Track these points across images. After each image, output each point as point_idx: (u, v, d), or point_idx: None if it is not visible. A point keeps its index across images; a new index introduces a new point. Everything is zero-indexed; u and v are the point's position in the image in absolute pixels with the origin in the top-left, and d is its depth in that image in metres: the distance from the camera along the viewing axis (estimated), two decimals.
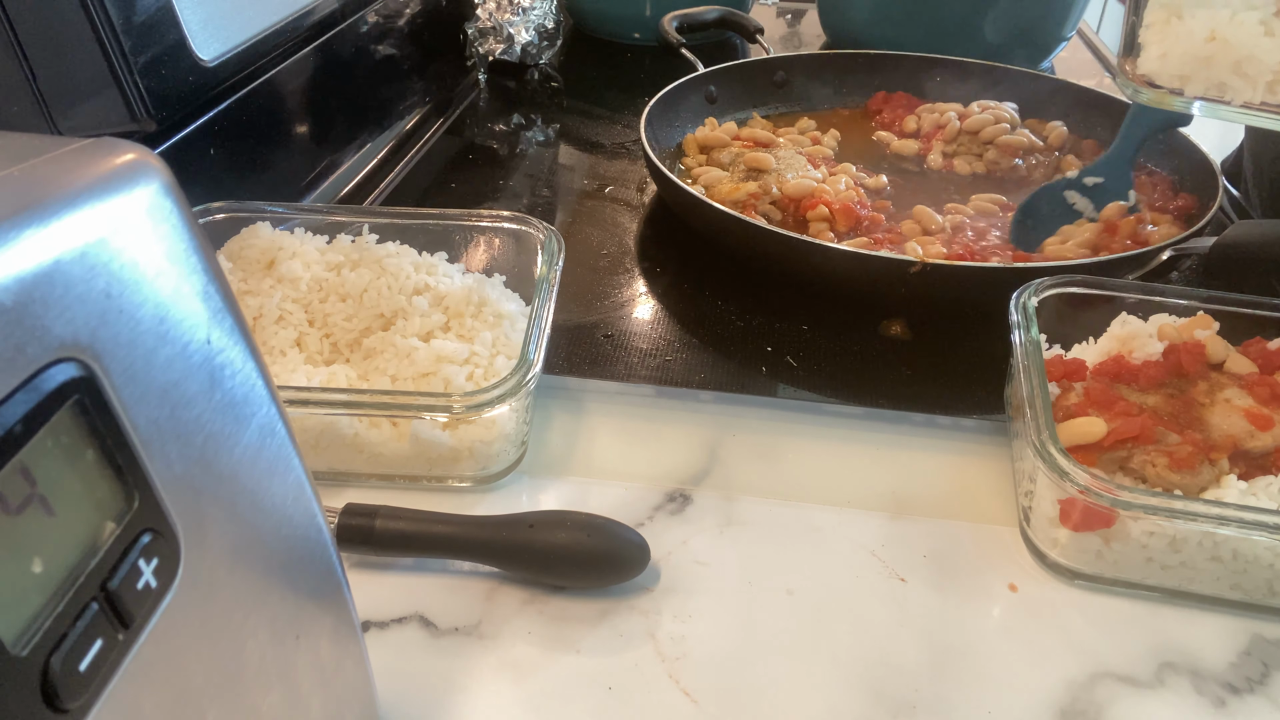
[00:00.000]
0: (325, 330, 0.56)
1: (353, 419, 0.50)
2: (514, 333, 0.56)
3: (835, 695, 0.42)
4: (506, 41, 1.07)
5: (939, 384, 0.62)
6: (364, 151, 0.88)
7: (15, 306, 0.18)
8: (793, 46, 1.29)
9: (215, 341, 0.24)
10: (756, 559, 0.49)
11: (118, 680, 0.21)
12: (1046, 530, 0.48)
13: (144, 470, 0.22)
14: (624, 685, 0.43)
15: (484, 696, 0.42)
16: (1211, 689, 0.43)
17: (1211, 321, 0.55)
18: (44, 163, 0.21)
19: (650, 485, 0.53)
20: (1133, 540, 0.45)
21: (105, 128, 0.57)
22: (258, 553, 0.27)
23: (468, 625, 0.45)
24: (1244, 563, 0.45)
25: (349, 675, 0.35)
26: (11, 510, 0.18)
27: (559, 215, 0.84)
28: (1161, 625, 0.46)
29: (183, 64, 0.60)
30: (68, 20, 0.53)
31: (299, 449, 0.29)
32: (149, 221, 0.22)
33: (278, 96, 0.74)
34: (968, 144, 0.88)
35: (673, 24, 1.02)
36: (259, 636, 0.28)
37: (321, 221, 0.62)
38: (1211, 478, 0.46)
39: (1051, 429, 0.46)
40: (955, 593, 0.47)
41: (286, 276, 0.57)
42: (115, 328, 0.21)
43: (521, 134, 1.01)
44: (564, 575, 0.47)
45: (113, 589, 0.21)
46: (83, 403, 0.20)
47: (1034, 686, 0.43)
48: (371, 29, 0.88)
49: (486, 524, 0.47)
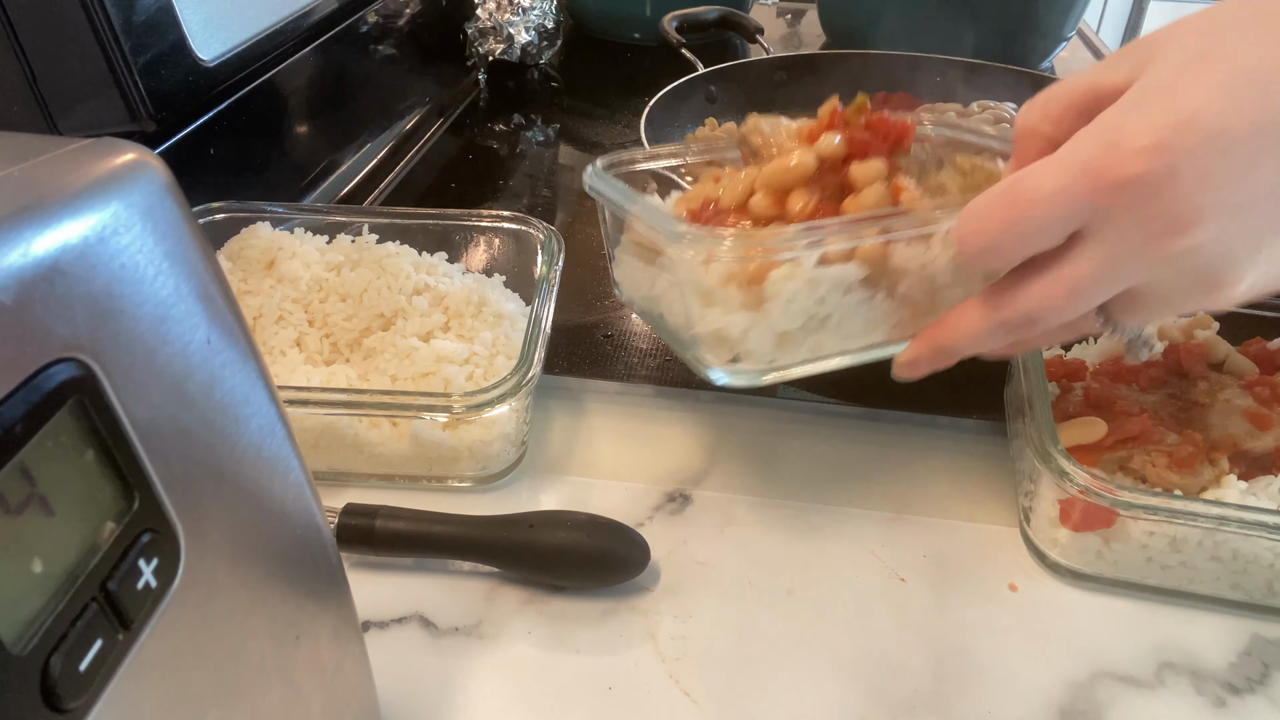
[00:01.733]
0: (325, 330, 0.56)
1: (352, 419, 0.50)
2: (514, 333, 0.56)
3: (835, 695, 0.42)
4: (506, 41, 1.07)
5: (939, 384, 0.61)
6: (364, 151, 0.88)
7: (15, 306, 0.18)
8: (793, 46, 1.29)
9: (215, 341, 0.24)
10: (756, 559, 0.49)
11: (118, 680, 0.21)
12: (1047, 530, 0.48)
13: (144, 470, 0.22)
14: (624, 685, 0.43)
15: (484, 696, 0.42)
16: (1211, 689, 0.43)
17: (1211, 321, 0.55)
18: (44, 163, 0.21)
19: (650, 485, 0.53)
20: (1133, 540, 0.45)
21: (105, 128, 0.57)
22: (258, 553, 0.27)
23: (468, 625, 0.45)
24: (1244, 562, 0.45)
25: (349, 675, 0.35)
26: (11, 510, 0.18)
27: (559, 215, 0.84)
28: (1161, 625, 0.46)
29: (183, 64, 0.60)
30: (68, 20, 0.53)
31: (299, 449, 0.29)
32: (149, 221, 0.22)
33: (278, 96, 0.74)
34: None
35: (673, 24, 1.02)
36: (259, 636, 0.28)
37: (321, 221, 0.62)
38: (1212, 478, 0.46)
39: (1052, 429, 0.46)
40: (955, 593, 0.47)
41: (286, 276, 0.57)
42: (115, 328, 0.21)
43: (521, 134, 1.01)
44: (564, 575, 0.47)
45: (113, 589, 0.21)
46: (83, 403, 0.20)
47: (1034, 686, 0.43)
48: (371, 29, 0.88)
49: (487, 524, 0.47)
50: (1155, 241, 0.32)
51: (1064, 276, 0.35)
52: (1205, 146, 0.30)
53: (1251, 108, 0.30)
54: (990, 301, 0.38)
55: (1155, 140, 0.31)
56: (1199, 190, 0.30)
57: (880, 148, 0.44)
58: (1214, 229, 0.30)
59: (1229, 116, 0.30)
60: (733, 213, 0.44)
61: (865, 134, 0.44)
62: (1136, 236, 0.32)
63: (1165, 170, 0.30)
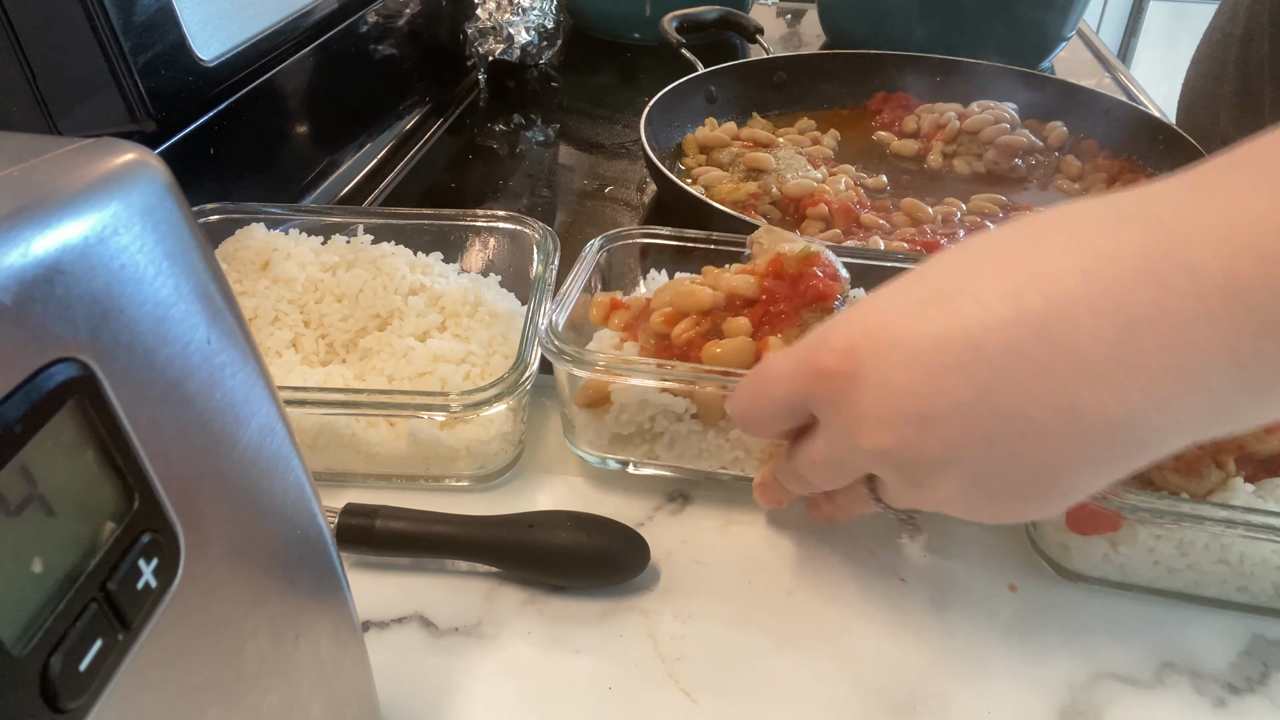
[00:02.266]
0: (321, 331, 0.56)
1: (350, 419, 0.50)
2: (511, 332, 0.56)
3: (835, 695, 0.42)
4: (506, 41, 1.07)
5: None
6: (364, 151, 0.88)
7: (15, 306, 0.18)
8: (793, 46, 1.29)
9: (215, 341, 0.24)
10: (756, 559, 0.49)
11: (118, 680, 0.21)
12: (1053, 534, 0.48)
13: (144, 470, 0.22)
14: (624, 685, 0.43)
15: (484, 696, 0.42)
16: (1211, 689, 0.43)
17: None
18: (44, 163, 0.21)
19: (650, 485, 0.53)
20: (1140, 544, 0.45)
21: (105, 128, 0.57)
22: (258, 553, 0.27)
23: (468, 625, 0.45)
24: (1251, 565, 0.45)
25: (349, 675, 0.35)
26: (11, 510, 0.18)
27: (559, 215, 0.84)
28: (1161, 625, 0.46)
29: (183, 64, 0.60)
30: (68, 20, 0.53)
31: (299, 449, 0.29)
32: (149, 221, 0.22)
33: (278, 96, 0.74)
34: (968, 144, 0.88)
35: (673, 24, 1.02)
36: (259, 636, 0.28)
37: (317, 222, 0.62)
38: (1218, 481, 0.46)
39: None
40: (955, 593, 0.47)
41: (281, 277, 0.57)
42: (115, 328, 0.21)
43: (521, 134, 1.01)
44: (564, 575, 0.47)
45: (113, 589, 0.21)
46: (83, 403, 0.20)
47: (1034, 686, 0.43)
48: (371, 29, 0.88)
49: (487, 524, 0.47)
50: (854, 438, 0.33)
51: (806, 449, 0.38)
52: (886, 354, 0.31)
53: (934, 324, 0.30)
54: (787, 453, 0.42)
55: (847, 342, 0.33)
56: (881, 396, 0.31)
57: (797, 301, 0.50)
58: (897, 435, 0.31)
59: (911, 329, 0.31)
60: (643, 318, 0.52)
61: (787, 286, 0.50)
62: (843, 428, 0.34)
63: (853, 372, 0.32)
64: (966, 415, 0.30)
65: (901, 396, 0.31)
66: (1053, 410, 0.29)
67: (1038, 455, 0.29)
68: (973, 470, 0.31)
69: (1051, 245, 0.30)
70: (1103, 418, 0.28)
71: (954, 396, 0.30)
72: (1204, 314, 0.26)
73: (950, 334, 0.30)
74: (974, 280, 0.31)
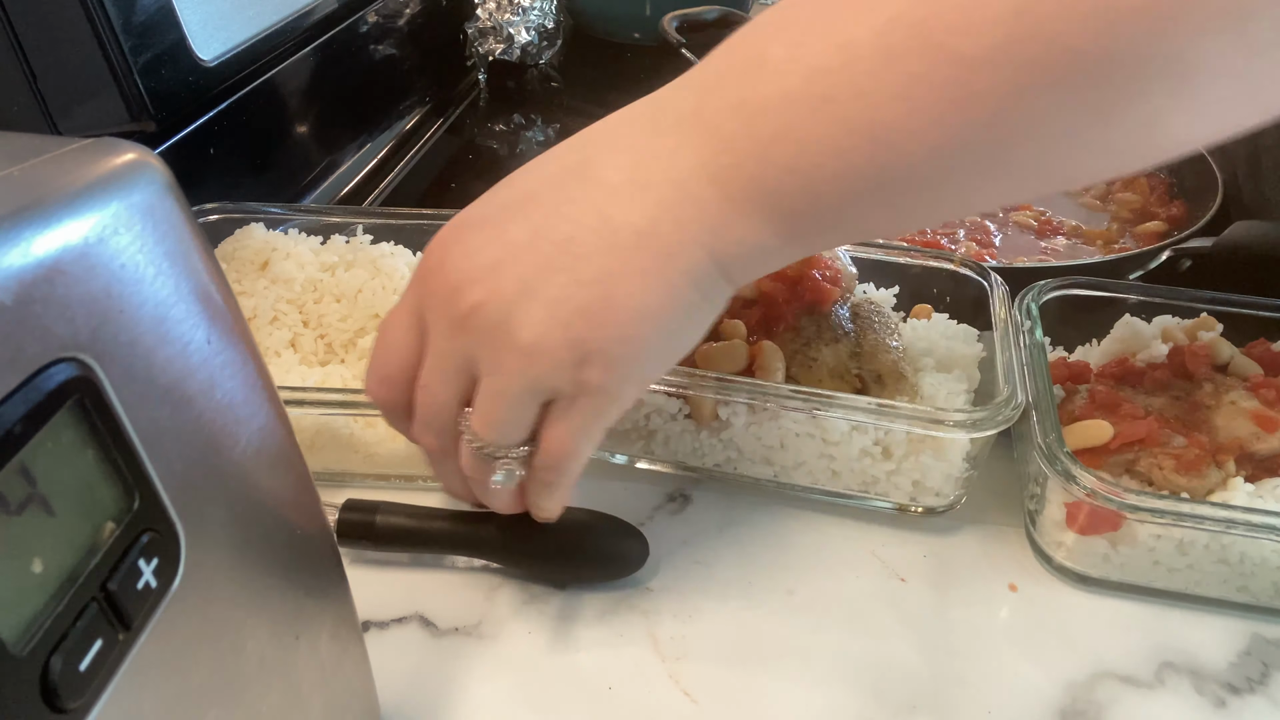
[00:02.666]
0: (320, 331, 0.56)
1: (348, 419, 0.50)
2: None
3: (835, 695, 0.42)
4: (506, 41, 1.07)
5: None
6: (364, 151, 0.88)
7: (15, 306, 0.18)
8: None
9: (215, 341, 0.24)
10: (756, 559, 0.49)
11: (118, 680, 0.21)
12: (1052, 533, 0.48)
13: (144, 470, 0.22)
14: (624, 685, 0.43)
15: (484, 696, 0.42)
16: (1211, 689, 0.43)
17: (1215, 323, 0.54)
18: (44, 163, 0.21)
19: (650, 485, 0.53)
20: (1140, 543, 0.45)
21: (105, 128, 0.57)
22: (258, 552, 0.27)
23: (468, 625, 0.45)
24: (1251, 565, 0.45)
25: (349, 675, 0.35)
26: (11, 510, 0.18)
27: None
28: (1161, 625, 0.46)
29: (183, 64, 0.60)
30: (68, 20, 0.53)
31: (298, 448, 0.29)
32: (149, 221, 0.22)
33: (278, 96, 0.74)
34: None
35: (673, 24, 1.02)
36: (259, 636, 0.28)
37: (316, 222, 0.62)
38: (1218, 480, 0.46)
39: (1058, 432, 0.46)
40: (956, 593, 0.47)
41: (280, 277, 0.57)
42: (115, 328, 0.21)
43: (521, 134, 1.00)
44: (564, 569, 0.47)
45: (113, 589, 0.21)
46: (83, 403, 0.20)
47: (1034, 686, 0.43)
48: (371, 29, 0.88)
49: (487, 519, 0.47)
50: (450, 313, 0.37)
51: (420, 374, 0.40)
52: (461, 229, 0.38)
53: (500, 197, 0.39)
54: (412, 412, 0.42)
55: (438, 239, 0.39)
56: (462, 262, 0.37)
57: (795, 304, 0.52)
58: (482, 288, 0.36)
59: (481, 208, 0.39)
60: None
61: (786, 288, 0.52)
62: (441, 314, 0.38)
63: (440, 257, 0.38)
64: (531, 250, 0.36)
65: (478, 253, 0.37)
66: (593, 229, 0.35)
67: (592, 270, 0.35)
68: (546, 299, 0.35)
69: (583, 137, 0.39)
70: (632, 228, 0.35)
71: (518, 237, 0.36)
72: (684, 142, 0.35)
73: (511, 195, 0.38)
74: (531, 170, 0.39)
